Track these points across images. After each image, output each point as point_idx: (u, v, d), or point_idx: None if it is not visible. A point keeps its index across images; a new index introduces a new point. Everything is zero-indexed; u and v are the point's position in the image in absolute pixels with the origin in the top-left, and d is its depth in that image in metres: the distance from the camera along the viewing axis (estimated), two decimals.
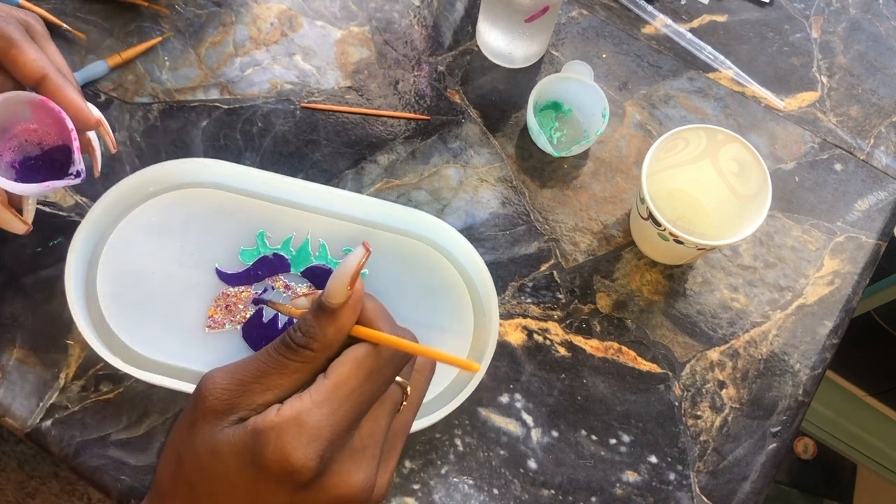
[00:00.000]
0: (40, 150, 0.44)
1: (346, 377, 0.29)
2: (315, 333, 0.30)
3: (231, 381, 0.30)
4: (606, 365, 0.53)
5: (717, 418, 0.52)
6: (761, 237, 0.57)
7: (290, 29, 0.60)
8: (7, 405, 0.48)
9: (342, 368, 0.30)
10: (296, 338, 0.30)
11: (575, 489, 0.50)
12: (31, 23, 0.43)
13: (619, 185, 0.58)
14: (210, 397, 0.29)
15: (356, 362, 0.30)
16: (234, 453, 0.28)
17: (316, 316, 0.30)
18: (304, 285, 0.50)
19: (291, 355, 0.30)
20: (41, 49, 0.42)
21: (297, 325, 0.31)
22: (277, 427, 0.28)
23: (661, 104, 0.61)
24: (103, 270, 0.48)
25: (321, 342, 0.30)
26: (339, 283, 0.30)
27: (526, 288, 0.54)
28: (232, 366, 0.31)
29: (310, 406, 0.28)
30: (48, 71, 0.41)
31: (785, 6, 0.65)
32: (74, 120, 0.42)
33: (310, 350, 0.30)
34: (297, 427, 0.28)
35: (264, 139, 0.57)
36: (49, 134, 0.44)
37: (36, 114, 0.43)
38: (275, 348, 0.30)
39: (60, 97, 0.41)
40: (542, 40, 0.59)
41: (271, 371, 0.30)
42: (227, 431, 0.29)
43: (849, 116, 0.62)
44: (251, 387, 0.30)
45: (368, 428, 0.31)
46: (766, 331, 0.55)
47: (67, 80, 0.42)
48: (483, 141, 0.58)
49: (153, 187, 0.51)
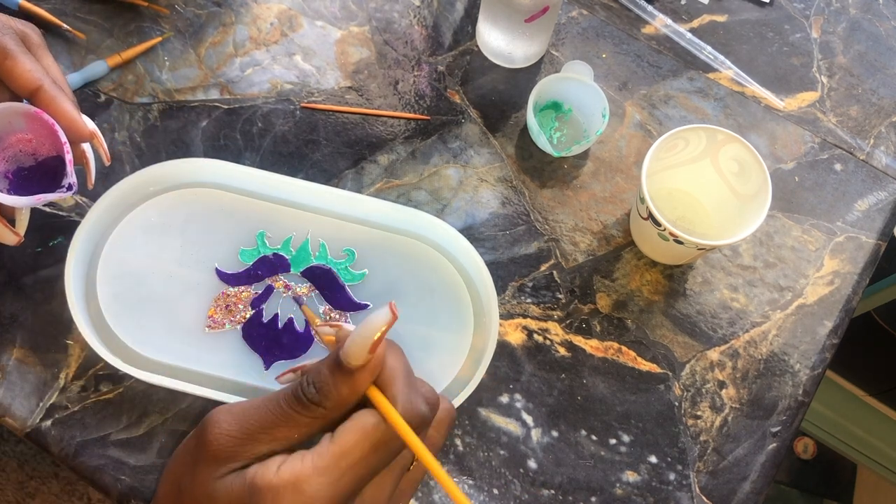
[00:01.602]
0: (34, 160, 0.44)
1: (352, 447, 0.28)
2: (329, 392, 0.29)
3: (238, 428, 0.29)
4: (606, 365, 0.53)
5: (717, 418, 0.52)
6: (761, 237, 0.57)
7: (290, 29, 0.60)
8: (7, 405, 0.48)
9: (348, 436, 0.28)
10: (308, 393, 0.29)
11: (575, 489, 0.50)
12: (29, 33, 0.43)
13: (619, 185, 0.58)
14: (214, 443, 0.29)
15: (363, 432, 0.29)
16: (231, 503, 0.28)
17: (332, 373, 0.29)
18: (304, 285, 0.50)
19: (302, 410, 0.29)
20: (37, 60, 0.42)
21: (311, 380, 0.30)
22: (274, 489, 0.27)
23: (661, 104, 0.61)
24: (103, 270, 0.48)
25: (334, 401, 0.29)
26: (359, 347, 0.28)
27: (526, 288, 0.54)
28: (239, 409, 0.30)
29: (310, 473, 0.27)
30: (43, 82, 0.40)
31: (785, 6, 0.65)
32: (68, 132, 0.41)
33: (321, 408, 0.29)
34: (294, 493, 0.27)
35: (264, 139, 0.57)
36: (43, 145, 0.44)
37: (30, 125, 0.42)
38: (286, 400, 0.29)
39: (54, 109, 0.41)
40: (542, 40, 0.59)
41: (279, 423, 0.29)
42: (227, 480, 0.28)
43: (849, 116, 0.62)
44: (258, 436, 0.29)
45: (371, 495, 0.30)
46: (766, 331, 0.55)
47: (62, 91, 0.41)
48: (483, 141, 0.58)
49: (153, 187, 0.51)
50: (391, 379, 0.30)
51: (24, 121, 0.42)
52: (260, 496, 0.27)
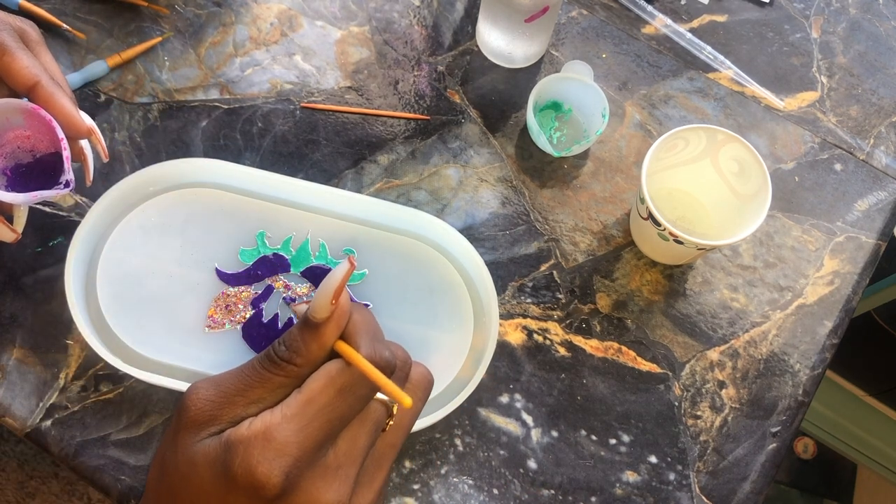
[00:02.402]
0: (32, 157, 0.44)
1: (318, 393, 0.29)
2: (298, 348, 0.30)
3: (215, 392, 0.30)
4: (606, 365, 0.53)
5: (716, 418, 0.52)
6: (761, 237, 0.57)
7: (289, 29, 0.60)
8: (7, 405, 0.48)
9: (314, 384, 0.29)
10: (279, 351, 0.30)
11: (575, 489, 0.50)
12: (27, 30, 0.43)
13: (619, 185, 0.58)
14: (193, 408, 0.30)
15: (328, 378, 0.30)
16: (209, 464, 0.29)
17: (300, 330, 0.30)
18: (304, 285, 0.50)
19: (275, 369, 0.30)
20: (35, 56, 0.42)
21: (282, 339, 0.31)
22: (246, 440, 0.28)
23: (660, 104, 0.61)
24: (103, 270, 0.48)
25: (304, 357, 0.30)
26: (322, 298, 0.30)
27: (526, 288, 0.54)
28: (217, 377, 0.31)
29: (279, 421, 0.28)
30: (41, 78, 0.40)
31: (785, 6, 0.65)
32: (66, 128, 0.41)
33: (293, 365, 0.30)
34: (265, 442, 0.28)
35: (264, 139, 0.57)
36: (42, 141, 0.44)
37: (28, 121, 0.42)
38: (259, 361, 0.30)
39: (52, 105, 0.41)
40: (542, 40, 0.59)
41: (255, 384, 0.30)
42: (205, 442, 0.29)
43: (849, 116, 0.62)
44: (234, 399, 0.30)
45: (345, 446, 0.30)
46: (766, 331, 0.55)
47: (60, 87, 0.41)
48: (483, 141, 0.58)
49: (153, 187, 0.51)
50: (354, 332, 0.31)
51: (22, 117, 0.42)
52: (233, 450, 0.28)
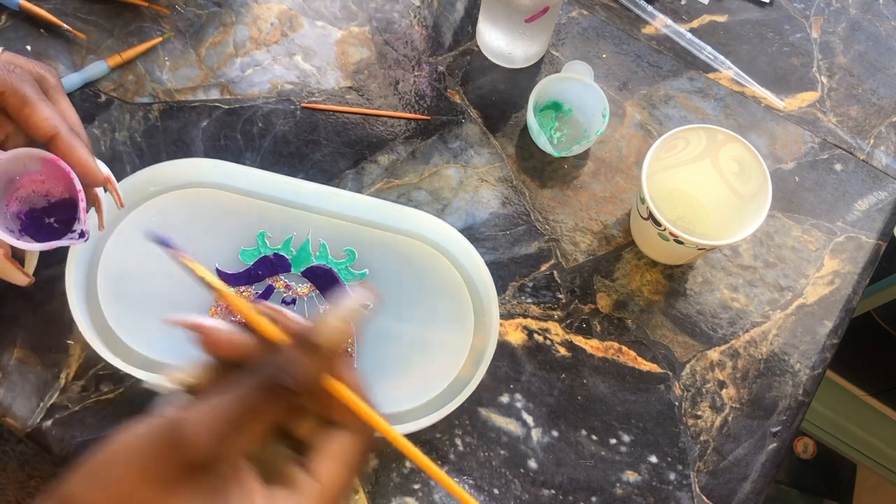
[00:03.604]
0: (47, 202, 0.44)
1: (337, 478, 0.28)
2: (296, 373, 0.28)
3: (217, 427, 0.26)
4: (606, 365, 0.53)
5: (717, 418, 0.52)
6: (761, 237, 0.57)
7: (290, 29, 0.61)
8: (7, 405, 0.48)
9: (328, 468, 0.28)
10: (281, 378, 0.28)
11: (575, 489, 0.50)
12: (45, 76, 0.43)
13: (619, 185, 0.58)
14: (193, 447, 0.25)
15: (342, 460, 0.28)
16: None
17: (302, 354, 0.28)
18: (304, 285, 0.50)
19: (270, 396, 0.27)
20: (54, 104, 0.42)
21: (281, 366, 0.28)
22: None
23: (661, 104, 0.61)
24: (103, 270, 0.48)
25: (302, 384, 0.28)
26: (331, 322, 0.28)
27: (526, 288, 0.54)
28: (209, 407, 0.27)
29: None
30: (60, 130, 0.41)
31: (785, 6, 0.66)
32: (83, 178, 0.42)
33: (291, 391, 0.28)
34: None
35: (264, 139, 0.57)
36: (56, 186, 0.44)
37: (45, 167, 0.43)
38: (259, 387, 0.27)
39: (70, 156, 0.41)
40: (542, 40, 0.59)
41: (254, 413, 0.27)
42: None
43: (849, 116, 0.62)
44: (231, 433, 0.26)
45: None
46: (766, 331, 0.55)
47: (79, 138, 0.42)
48: (483, 141, 0.58)
49: (153, 187, 0.51)
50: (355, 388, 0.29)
51: (39, 164, 0.42)
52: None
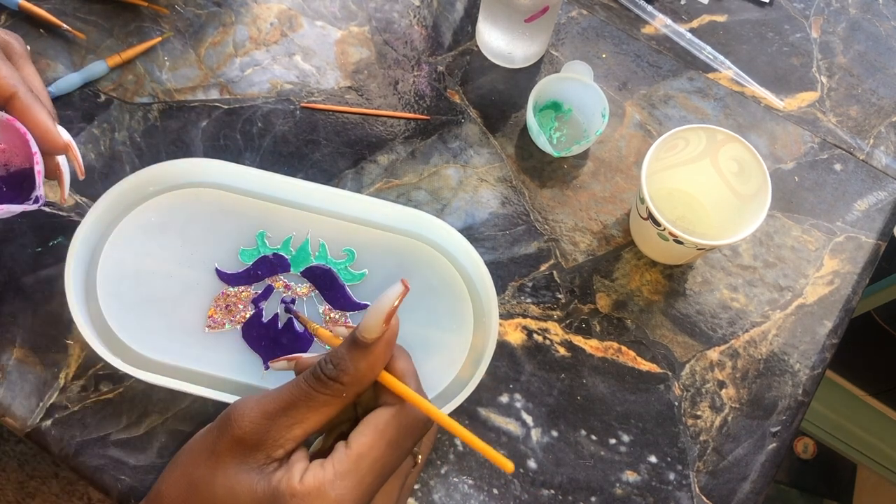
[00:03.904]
0: (6, 171, 0.43)
1: (369, 447, 0.29)
2: (346, 367, 0.30)
3: (259, 412, 0.29)
4: (606, 365, 0.53)
5: (716, 418, 0.52)
6: (761, 237, 0.57)
7: (289, 29, 0.61)
8: (7, 405, 0.48)
9: (364, 438, 0.29)
10: (326, 370, 0.30)
11: (575, 489, 0.50)
12: (11, 42, 0.42)
13: (618, 185, 0.58)
14: (238, 427, 0.29)
15: (377, 431, 0.29)
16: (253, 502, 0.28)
17: (349, 349, 0.30)
18: (304, 285, 0.50)
19: (321, 387, 0.30)
20: (17, 69, 0.41)
21: (329, 358, 0.30)
22: (299, 495, 0.27)
23: (660, 104, 0.61)
24: (103, 270, 0.48)
25: (352, 376, 0.30)
26: (375, 319, 0.29)
27: (526, 288, 0.54)
28: (261, 396, 0.30)
29: (332, 478, 0.28)
30: (17, 90, 0.39)
31: (785, 6, 0.66)
32: (41, 142, 0.40)
33: (339, 383, 0.30)
34: (320, 500, 0.27)
35: (264, 139, 0.57)
36: (17, 155, 0.42)
37: (4, 133, 0.41)
38: (305, 379, 0.30)
39: (27, 117, 0.40)
40: (542, 40, 0.59)
41: (300, 403, 0.29)
42: (251, 476, 0.28)
43: (848, 116, 0.62)
44: (279, 420, 0.29)
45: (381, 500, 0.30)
46: (766, 331, 0.55)
47: (38, 100, 0.40)
48: (483, 141, 0.58)
49: (153, 187, 0.51)
50: (403, 376, 0.31)
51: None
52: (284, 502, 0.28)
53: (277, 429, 0.29)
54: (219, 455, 0.29)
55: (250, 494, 0.28)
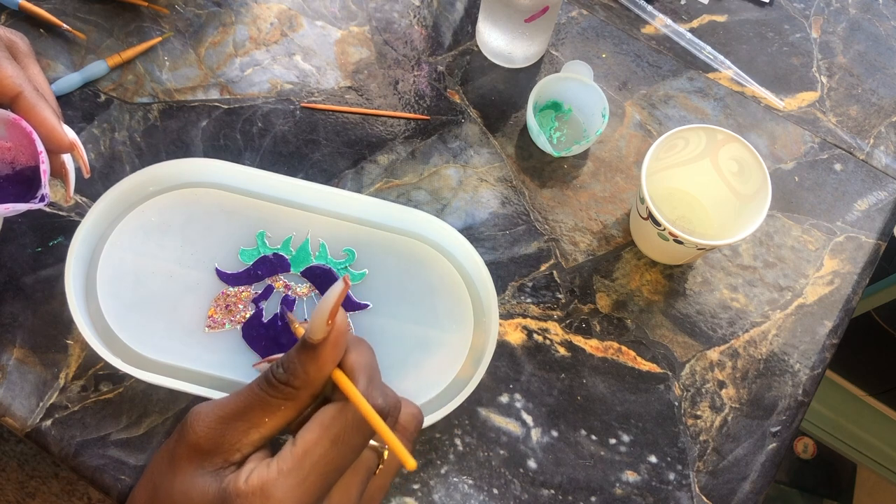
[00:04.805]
0: (11, 169, 0.43)
1: (313, 444, 0.29)
2: (296, 370, 0.30)
3: (215, 417, 0.29)
4: (606, 365, 0.53)
5: (716, 418, 0.52)
6: (761, 237, 0.57)
7: (290, 29, 0.61)
8: (7, 405, 0.48)
9: (309, 435, 0.29)
10: (277, 374, 0.30)
11: (575, 489, 0.50)
12: (16, 41, 0.42)
13: (618, 184, 0.58)
14: (193, 433, 0.29)
15: (322, 427, 0.29)
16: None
17: (298, 352, 0.30)
18: (304, 285, 0.50)
19: (273, 392, 0.29)
20: (23, 68, 0.41)
21: (280, 362, 0.30)
22: (243, 495, 0.27)
23: (660, 104, 0.61)
24: (103, 270, 0.48)
25: (302, 379, 0.30)
26: (318, 319, 0.29)
27: (526, 288, 0.54)
28: (218, 401, 0.30)
29: (276, 476, 0.28)
30: (23, 89, 0.40)
31: (785, 6, 0.66)
32: (47, 141, 0.41)
33: (290, 387, 0.29)
34: (262, 499, 0.27)
35: (264, 139, 0.57)
36: (23, 154, 0.43)
37: (10, 132, 0.41)
38: (258, 384, 0.30)
39: (33, 117, 0.40)
40: (542, 40, 0.59)
41: (254, 407, 0.29)
42: (205, 479, 0.29)
43: (849, 116, 0.62)
44: (235, 424, 0.29)
45: (338, 497, 0.30)
46: (766, 331, 0.55)
47: (44, 100, 0.41)
48: (483, 141, 0.58)
49: (153, 187, 0.51)
50: (352, 371, 0.31)
51: (4, 128, 0.41)
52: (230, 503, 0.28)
53: (233, 433, 0.29)
54: (177, 460, 0.29)
55: (202, 497, 0.28)
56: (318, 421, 0.29)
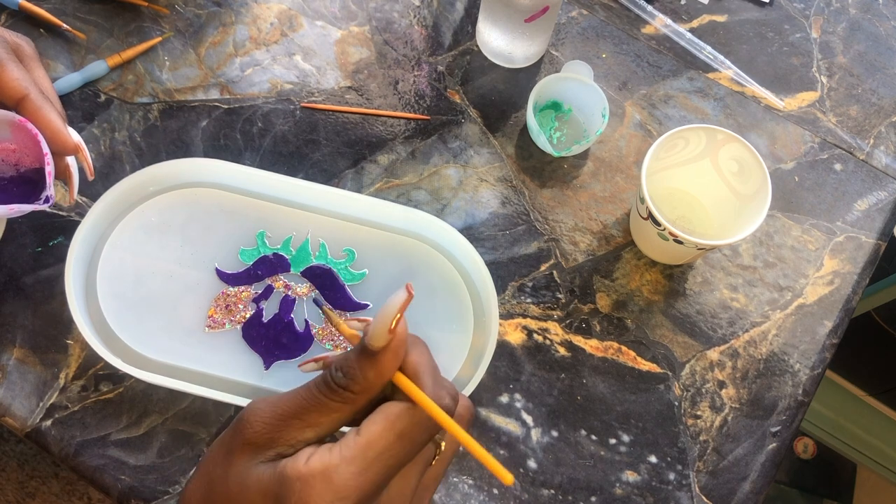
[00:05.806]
0: (16, 171, 0.43)
1: (377, 437, 0.29)
2: (355, 375, 0.30)
3: (272, 414, 0.30)
4: (606, 365, 0.53)
5: (716, 418, 0.52)
6: (761, 237, 0.57)
7: (290, 29, 0.61)
8: (7, 405, 0.48)
9: (374, 427, 0.29)
10: (336, 378, 0.30)
11: (575, 489, 0.50)
12: (22, 45, 0.43)
13: (618, 184, 0.58)
14: (250, 428, 0.30)
15: (388, 422, 0.29)
16: (261, 493, 0.28)
17: (357, 357, 0.30)
18: (304, 285, 0.50)
19: (331, 395, 0.30)
20: (28, 71, 0.42)
21: (339, 365, 0.30)
22: (304, 478, 0.28)
23: (660, 104, 0.61)
24: (103, 270, 0.48)
25: (361, 385, 0.30)
26: (380, 327, 0.29)
27: (526, 288, 0.54)
28: (274, 398, 0.31)
29: (339, 462, 0.28)
30: (29, 92, 0.40)
31: (785, 6, 0.66)
32: (52, 143, 0.41)
33: (350, 392, 0.30)
34: (324, 483, 0.28)
35: (264, 139, 0.57)
36: (27, 156, 0.43)
37: (16, 134, 0.42)
38: (316, 386, 0.30)
39: (39, 119, 0.40)
40: (542, 40, 0.59)
41: (311, 408, 0.30)
42: (259, 468, 0.29)
43: (848, 116, 0.62)
44: (291, 422, 0.30)
45: (397, 488, 0.30)
46: (766, 331, 0.55)
47: (49, 102, 0.41)
48: (483, 141, 0.58)
49: (153, 187, 0.51)
50: (416, 372, 0.31)
51: (9, 130, 0.41)
52: (289, 486, 0.28)
53: (289, 430, 0.30)
54: (232, 454, 0.30)
55: (258, 485, 0.29)
56: (385, 414, 0.30)
